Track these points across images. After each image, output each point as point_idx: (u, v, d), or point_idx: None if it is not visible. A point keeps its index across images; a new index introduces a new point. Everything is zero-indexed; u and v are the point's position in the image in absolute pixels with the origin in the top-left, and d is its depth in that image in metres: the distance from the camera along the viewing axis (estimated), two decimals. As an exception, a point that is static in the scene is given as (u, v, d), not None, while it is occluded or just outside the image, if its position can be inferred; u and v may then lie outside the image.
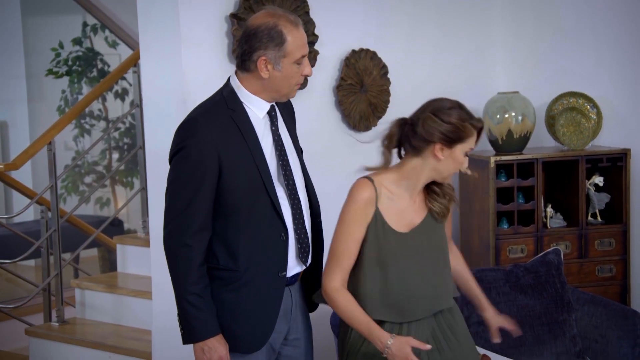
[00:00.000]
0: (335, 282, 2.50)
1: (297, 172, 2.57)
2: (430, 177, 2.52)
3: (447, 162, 2.50)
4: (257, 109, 2.49)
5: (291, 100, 2.65)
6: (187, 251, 2.39)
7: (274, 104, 2.54)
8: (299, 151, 2.65)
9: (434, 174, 2.52)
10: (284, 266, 2.48)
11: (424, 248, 2.55)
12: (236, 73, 2.51)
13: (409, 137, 2.52)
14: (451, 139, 2.47)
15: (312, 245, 2.61)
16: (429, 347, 2.41)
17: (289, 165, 2.52)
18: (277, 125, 2.53)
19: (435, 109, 2.51)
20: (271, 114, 2.52)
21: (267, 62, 2.42)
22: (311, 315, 2.72)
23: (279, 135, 2.53)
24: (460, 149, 2.48)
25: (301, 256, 2.53)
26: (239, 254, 2.43)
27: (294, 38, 2.42)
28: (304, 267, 2.57)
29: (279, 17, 2.43)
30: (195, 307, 2.40)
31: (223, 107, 2.45)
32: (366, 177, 2.54)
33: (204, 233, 2.41)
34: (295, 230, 2.50)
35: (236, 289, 2.45)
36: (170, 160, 2.45)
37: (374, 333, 2.43)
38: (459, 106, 2.51)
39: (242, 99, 2.48)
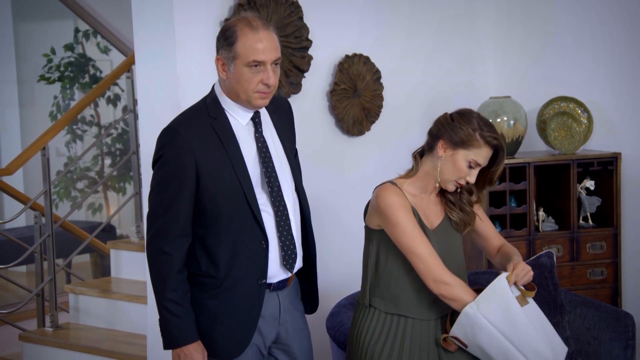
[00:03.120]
0: (447, 276, 2.48)
1: (286, 177, 2.55)
2: (434, 176, 2.56)
3: (446, 164, 2.53)
4: (238, 116, 2.49)
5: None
6: (165, 258, 2.40)
7: (259, 110, 2.53)
8: (292, 154, 2.64)
9: (435, 173, 2.55)
10: (264, 274, 2.47)
11: (441, 250, 2.58)
12: (218, 79, 2.53)
13: (428, 138, 2.60)
14: (454, 141, 2.51)
15: (304, 249, 2.60)
16: None
17: (274, 172, 2.51)
18: (261, 131, 2.52)
19: (459, 111, 2.57)
20: (255, 121, 2.52)
21: (223, 63, 2.44)
22: (306, 317, 2.73)
23: (263, 142, 2.52)
24: (462, 156, 2.50)
25: (285, 263, 2.52)
26: (219, 261, 2.44)
27: (246, 40, 2.38)
28: (290, 274, 2.56)
29: (241, 19, 2.43)
30: (173, 314, 2.41)
31: (204, 114, 2.46)
32: (386, 182, 2.60)
33: (183, 239, 2.42)
34: (280, 238, 2.50)
35: (216, 295, 2.46)
36: (153, 167, 2.48)
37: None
38: (480, 118, 2.54)
39: (224, 106, 2.49)
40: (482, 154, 2.51)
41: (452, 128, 2.52)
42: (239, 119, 2.49)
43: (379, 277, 2.60)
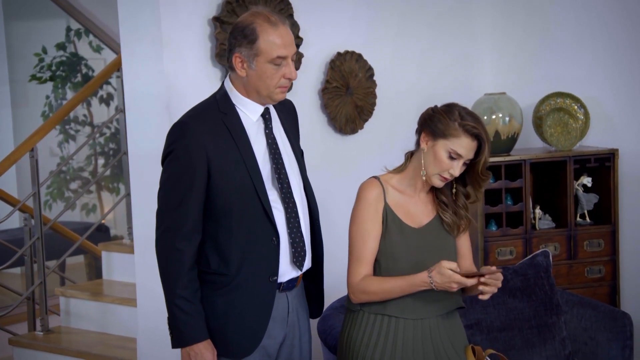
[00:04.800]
0: (359, 277, 2.51)
1: (294, 175, 2.55)
2: (419, 170, 2.53)
3: (428, 156, 2.51)
4: (249, 111, 2.48)
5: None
6: (177, 254, 2.38)
7: (269, 106, 2.53)
8: (299, 154, 2.64)
9: (419, 167, 2.52)
10: (275, 271, 2.45)
11: (430, 249, 2.54)
12: (229, 75, 2.52)
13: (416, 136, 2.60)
14: (434, 132, 2.49)
15: (312, 249, 2.59)
16: (454, 264, 2.40)
17: (284, 169, 2.50)
18: (271, 128, 2.51)
19: (443, 105, 2.57)
20: (265, 117, 2.51)
21: (243, 60, 2.43)
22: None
23: (273, 138, 2.51)
24: (442, 146, 2.47)
25: (295, 261, 2.50)
26: (230, 258, 2.42)
27: (268, 36, 2.39)
28: (300, 272, 2.54)
29: (258, 15, 2.43)
30: (183, 312, 2.39)
31: (214, 110, 2.45)
32: (373, 177, 2.59)
33: (194, 236, 2.40)
34: (290, 235, 2.48)
35: (227, 292, 2.43)
36: (162, 163, 2.46)
37: (415, 282, 2.45)
38: (463, 109, 2.51)
39: (234, 102, 2.48)
40: (462, 144, 2.46)
41: (432, 119, 2.51)
42: (250, 115, 2.48)
43: None
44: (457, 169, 2.48)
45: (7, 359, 4.43)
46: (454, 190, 2.58)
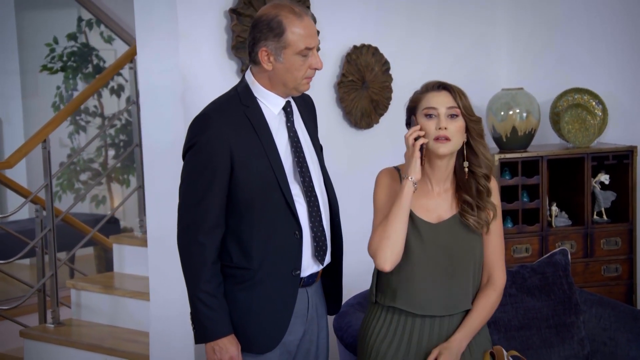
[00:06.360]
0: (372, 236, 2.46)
1: (315, 169, 2.53)
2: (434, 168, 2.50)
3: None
4: (271, 104, 2.46)
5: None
6: (200, 249, 2.36)
7: (290, 99, 2.51)
8: (319, 149, 2.62)
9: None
10: (298, 265, 2.44)
11: (447, 246, 2.48)
12: (250, 68, 2.49)
13: None
14: (410, 107, 2.51)
15: (332, 244, 2.56)
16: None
17: (306, 162, 2.49)
18: (292, 121, 2.50)
19: None
20: (287, 110, 2.49)
21: (269, 54, 2.40)
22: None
23: (295, 132, 2.49)
24: (420, 115, 2.46)
25: (317, 255, 2.48)
26: (252, 252, 2.40)
27: (295, 28, 2.38)
28: (321, 267, 2.52)
29: (282, 7, 2.41)
30: (207, 306, 2.37)
31: (236, 102, 2.43)
32: (392, 167, 2.57)
33: (217, 230, 2.38)
34: (312, 229, 2.46)
35: (249, 287, 2.42)
36: (184, 157, 2.44)
37: (399, 192, 2.41)
38: None
39: (256, 95, 2.46)
40: (429, 97, 2.46)
41: (406, 108, 2.54)
42: (272, 108, 2.47)
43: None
44: (443, 120, 2.42)
45: (18, 351, 4.42)
46: (466, 168, 2.49)
